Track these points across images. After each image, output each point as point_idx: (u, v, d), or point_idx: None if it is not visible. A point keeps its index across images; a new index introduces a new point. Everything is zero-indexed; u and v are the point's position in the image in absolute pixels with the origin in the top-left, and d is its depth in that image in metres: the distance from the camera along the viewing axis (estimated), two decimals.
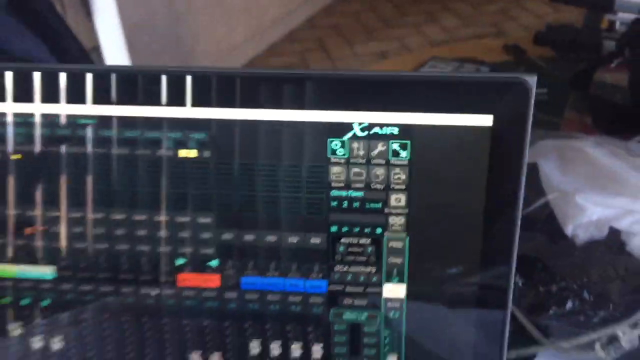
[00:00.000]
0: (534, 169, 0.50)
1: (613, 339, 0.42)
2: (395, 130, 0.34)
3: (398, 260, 0.36)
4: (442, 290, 0.37)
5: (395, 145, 0.34)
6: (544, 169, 0.49)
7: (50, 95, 0.35)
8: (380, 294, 0.37)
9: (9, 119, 0.35)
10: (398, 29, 2.62)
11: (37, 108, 0.35)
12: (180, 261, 0.37)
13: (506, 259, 0.35)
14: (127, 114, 0.35)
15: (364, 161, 0.34)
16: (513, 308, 0.44)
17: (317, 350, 0.38)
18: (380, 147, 0.34)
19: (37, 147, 0.36)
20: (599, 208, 0.45)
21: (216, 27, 2.29)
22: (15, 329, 0.39)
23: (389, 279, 0.36)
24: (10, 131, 0.35)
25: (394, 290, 0.36)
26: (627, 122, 0.64)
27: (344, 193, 0.35)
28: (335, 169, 0.34)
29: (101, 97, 0.34)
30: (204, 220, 0.36)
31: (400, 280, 0.36)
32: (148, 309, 0.38)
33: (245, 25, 2.43)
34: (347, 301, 0.37)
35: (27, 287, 0.38)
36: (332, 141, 0.34)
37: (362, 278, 0.36)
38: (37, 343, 0.40)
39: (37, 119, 0.35)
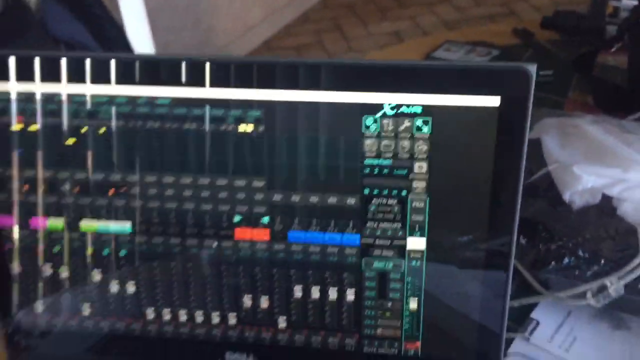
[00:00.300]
0: (537, 143, 0.57)
1: (602, 289, 0.49)
2: (419, 109, 0.40)
3: (419, 218, 0.43)
4: (456, 245, 0.43)
5: (419, 122, 0.41)
6: (546, 143, 0.56)
7: (150, 80, 0.42)
8: (404, 246, 0.44)
9: (110, 99, 0.42)
10: (411, 8, 2.66)
11: (136, 90, 0.42)
12: (237, 218, 0.44)
13: (510, 219, 0.42)
14: (195, 95, 0.42)
15: (392, 135, 0.41)
16: (516, 263, 0.51)
17: (350, 293, 0.45)
18: (406, 123, 0.41)
19: (122, 123, 0.43)
20: (594, 177, 0.51)
21: (233, 8, 2.35)
22: (96, 275, 0.47)
23: (411, 233, 0.43)
24: (103, 110, 0.43)
25: (416, 243, 0.43)
26: (626, 102, 0.70)
27: (375, 161, 0.42)
28: (368, 142, 0.41)
29: (175, 81, 0.41)
30: (258, 183, 0.43)
31: (421, 235, 0.43)
32: (209, 259, 0.45)
33: (261, 6, 2.48)
34: (377, 252, 0.44)
35: (107, 239, 0.46)
36: (366, 118, 0.41)
37: (389, 232, 0.43)
38: (114, 287, 0.47)
39: (121, 100, 0.42)
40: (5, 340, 0.50)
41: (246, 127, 0.42)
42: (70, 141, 0.43)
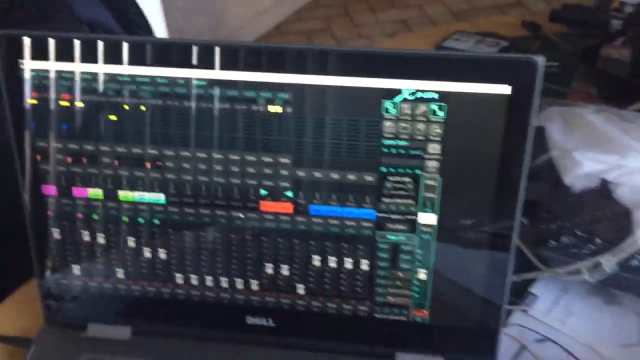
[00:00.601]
0: (541, 130, 0.60)
1: (597, 266, 0.52)
2: (435, 95, 0.44)
3: (431, 196, 0.46)
4: (464, 222, 0.47)
5: (435, 107, 0.44)
6: (550, 130, 0.59)
7: (184, 63, 0.45)
8: (416, 221, 0.47)
9: (151, 79, 0.46)
10: None
11: (173, 72, 0.46)
12: (262, 192, 0.48)
13: (514, 200, 0.46)
14: (231, 78, 0.45)
15: (409, 118, 0.45)
16: (518, 241, 0.54)
17: (364, 264, 0.49)
18: (422, 107, 0.44)
19: (160, 102, 0.46)
20: (593, 163, 0.55)
21: None
22: (130, 242, 0.51)
23: (423, 209, 0.47)
24: (142, 89, 0.46)
25: (427, 219, 0.47)
26: (628, 94, 0.74)
27: (393, 142, 0.45)
28: (387, 124, 0.45)
29: (208, 64, 0.45)
30: (283, 160, 0.47)
31: (433, 211, 0.47)
32: (235, 229, 0.49)
33: None
34: (390, 226, 0.48)
35: (142, 209, 0.50)
36: (385, 102, 0.44)
37: (402, 208, 0.47)
38: (146, 253, 0.51)
39: (161, 81, 0.46)
40: (43, 301, 0.54)
41: (275, 108, 0.46)
42: (111, 117, 0.47)
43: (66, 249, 0.52)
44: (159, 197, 0.49)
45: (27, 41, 0.46)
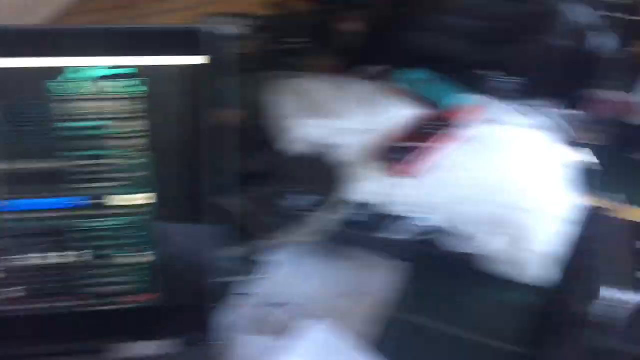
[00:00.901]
0: (270, 102, 0.62)
1: (322, 226, 0.55)
2: (131, 70, 0.42)
3: (145, 174, 0.45)
4: (183, 197, 0.47)
5: (131, 82, 0.43)
6: (277, 101, 0.62)
7: None
8: (133, 203, 0.46)
9: None
10: None
11: None
12: None
13: (230, 170, 0.46)
14: None
15: (106, 96, 0.43)
16: (242, 210, 0.55)
17: (82, 254, 0.47)
18: (118, 84, 0.43)
19: None
20: (311, 128, 0.58)
21: None
22: None
23: (138, 190, 0.46)
24: None
25: (144, 199, 0.46)
26: (360, 62, 0.79)
27: (91, 123, 0.43)
28: (82, 104, 0.43)
29: None
30: None
31: (148, 190, 0.46)
32: None
33: None
34: (104, 211, 0.46)
35: None
36: (66, 82, 0.42)
37: (114, 191, 0.45)
38: None
39: None
40: None
41: None
42: None
43: None
44: None
45: None
